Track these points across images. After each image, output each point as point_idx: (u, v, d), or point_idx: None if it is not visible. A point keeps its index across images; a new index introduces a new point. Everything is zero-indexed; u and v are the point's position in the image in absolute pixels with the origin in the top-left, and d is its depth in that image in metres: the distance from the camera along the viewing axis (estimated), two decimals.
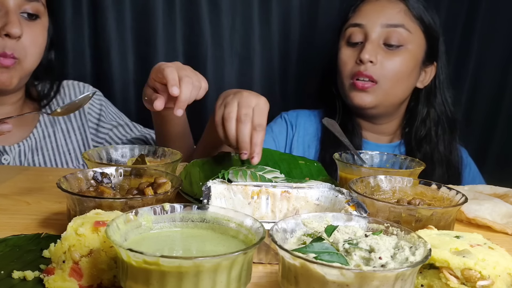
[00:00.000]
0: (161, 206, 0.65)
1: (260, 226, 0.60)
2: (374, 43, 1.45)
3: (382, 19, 1.46)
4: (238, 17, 1.75)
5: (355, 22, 1.49)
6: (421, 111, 1.56)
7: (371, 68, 1.44)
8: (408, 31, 1.46)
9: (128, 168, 0.90)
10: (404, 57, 1.47)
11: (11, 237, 0.76)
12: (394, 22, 1.46)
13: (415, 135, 1.56)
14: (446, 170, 1.54)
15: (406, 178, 0.95)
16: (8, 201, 0.96)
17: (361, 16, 1.50)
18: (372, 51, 1.44)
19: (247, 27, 1.77)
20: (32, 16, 1.29)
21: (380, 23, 1.46)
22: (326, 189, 0.85)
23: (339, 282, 0.53)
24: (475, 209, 0.98)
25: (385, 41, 1.46)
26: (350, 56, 1.49)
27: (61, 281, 0.62)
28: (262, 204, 0.86)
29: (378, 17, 1.47)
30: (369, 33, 1.46)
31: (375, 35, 1.46)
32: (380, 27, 1.46)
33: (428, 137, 1.55)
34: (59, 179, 0.80)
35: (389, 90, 1.48)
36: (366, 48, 1.44)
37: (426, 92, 1.56)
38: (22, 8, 1.27)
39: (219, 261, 0.53)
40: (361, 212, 0.75)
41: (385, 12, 1.47)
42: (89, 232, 0.63)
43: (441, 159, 1.54)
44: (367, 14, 1.49)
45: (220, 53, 1.76)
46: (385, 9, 1.48)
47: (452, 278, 0.61)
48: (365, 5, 1.52)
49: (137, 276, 0.54)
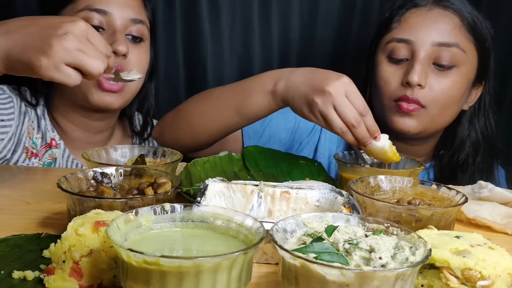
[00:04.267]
0: (161, 206, 0.65)
1: (260, 226, 0.60)
2: (424, 63, 1.26)
3: (434, 36, 1.27)
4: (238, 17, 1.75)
5: (402, 37, 1.29)
6: (461, 134, 1.38)
7: (418, 92, 1.25)
8: (462, 51, 1.28)
9: (128, 168, 0.90)
10: (456, 80, 1.28)
11: (11, 237, 0.76)
12: (448, 40, 1.27)
13: (450, 160, 1.39)
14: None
15: (406, 178, 0.95)
16: (8, 201, 0.96)
17: (409, 30, 1.29)
18: (421, 73, 1.25)
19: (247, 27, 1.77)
20: (137, 38, 1.33)
21: (431, 41, 1.26)
22: (327, 191, 0.85)
23: (339, 282, 0.53)
24: (475, 209, 0.98)
25: (435, 61, 1.27)
26: (393, 74, 1.30)
27: (61, 281, 0.62)
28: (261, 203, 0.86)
29: (429, 34, 1.27)
30: (418, 51, 1.26)
31: (425, 54, 1.26)
32: (431, 45, 1.26)
33: (465, 165, 1.37)
34: (59, 179, 0.80)
35: (437, 115, 1.30)
36: (415, 69, 1.24)
37: (469, 113, 1.38)
38: (128, 30, 1.31)
39: (219, 261, 0.53)
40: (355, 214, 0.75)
41: (437, 28, 1.27)
42: (89, 232, 0.63)
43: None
44: (416, 28, 1.28)
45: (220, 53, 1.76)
46: (437, 23, 1.28)
47: (452, 278, 0.61)
48: (413, 16, 1.31)
49: (137, 276, 0.54)
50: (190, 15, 1.73)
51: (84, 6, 1.27)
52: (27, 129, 1.32)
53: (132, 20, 1.31)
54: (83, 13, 1.27)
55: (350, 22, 1.75)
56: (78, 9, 1.27)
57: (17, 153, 1.28)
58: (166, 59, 1.73)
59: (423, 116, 1.28)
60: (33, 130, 1.33)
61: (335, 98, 1.00)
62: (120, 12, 1.29)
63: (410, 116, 1.28)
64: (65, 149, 1.38)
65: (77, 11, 1.27)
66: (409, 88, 1.26)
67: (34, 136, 1.33)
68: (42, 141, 1.35)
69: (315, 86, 1.02)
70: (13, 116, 1.28)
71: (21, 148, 1.29)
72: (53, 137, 1.36)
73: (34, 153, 1.33)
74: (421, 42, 1.27)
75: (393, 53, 1.30)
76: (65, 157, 1.38)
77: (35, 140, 1.33)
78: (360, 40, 1.72)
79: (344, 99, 1.01)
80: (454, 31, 1.28)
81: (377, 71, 1.34)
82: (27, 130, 1.32)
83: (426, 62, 1.27)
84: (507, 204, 1.03)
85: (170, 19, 1.73)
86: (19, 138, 1.29)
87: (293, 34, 1.80)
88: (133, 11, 1.32)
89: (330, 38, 1.76)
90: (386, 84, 1.31)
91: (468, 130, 1.38)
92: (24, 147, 1.30)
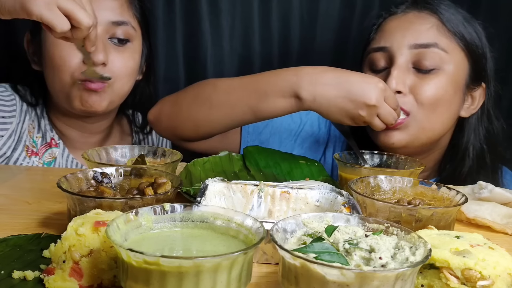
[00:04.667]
0: (161, 206, 0.65)
1: (260, 226, 0.60)
2: (402, 68, 1.19)
3: (409, 38, 1.20)
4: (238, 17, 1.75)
5: (378, 45, 1.24)
6: (463, 145, 1.29)
7: (400, 100, 1.16)
8: (443, 51, 1.20)
9: (128, 168, 0.90)
10: (440, 81, 1.20)
11: (11, 237, 0.76)
12: (425, 41, 1.20)
13: (452, 175, 1.30)
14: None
15: (406, 178, 0.95)
16: (8, 201, 0.96)
17: (384, 37, 1.24)
18: (399, 78, 1.18)
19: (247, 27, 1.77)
20: (122, 41, 1.30)
21: (407, 43, 1.20)
22: (327, 191, 0.85)
23: (339, 282, 0.53)
24: (475, 209, 0.98)
25: (415, 65, 1.20)
26: None
27: (61, 281, 0.62)
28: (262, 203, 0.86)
29: (404, 36, 1.21)
30: (394, 56, 1.20)
31: (403, 58, 1.20)
32: (408, 48, 1.20)
33: (469, 178, 1.27)
34: (59, 179, 0.79)
35: (425, 122, 1.21)
36: (392, 75, 1.18)
37: (472, 121, 1.30)
38: (110, 33, 1.28)
39: (219, 261, 0.53)
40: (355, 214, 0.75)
41: (412, 30, 1.21)
42: (89, 232, 0.63)
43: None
44: (391, 34, 1.23)
45: (220, 53, 1.76)
46: (412, 25, 1.22)
47: (452, 278, 0.61)
48: (388, 23, 1.27)
49: (138, 276, 0.54)
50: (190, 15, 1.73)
51: None
52: (27, 128, 1.32)
53: (114, 23, 1.27)
54: None
55: (350, 22, 1.75)
56: None
57: (17, 151, 1.29)
58: (166, 59, 1.73)
59: (410, 126, 1.20)
60: (33, 129, 1.34)
61: (379, 109, 1.07)
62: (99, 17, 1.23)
63: (396, 130, 1.19)
64: (65, 149, 1.38)
65: None
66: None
67: (35, 135, 1.34)
68: (42, 140, 1.35)
69: (356, 101, 1.06)
70: (14, 113, 1.28)
71: (21, 146, 1.29)
72: (52, 137, 1.37)
73: (34, 152, 1.33)
74: (396, 46, 1.21)
75: (373, 64, 1.26)
76: (65, 157, 1.38)
77: (35, 139, 1.33)
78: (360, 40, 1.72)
79: (386, 106, 1.08)
80: (432, 30, 1.22)
81: None
82: (27, 128, 1.32)
83: (404, 66, 1.20)
84: (507, 204, 1.03)
85: (170, 19, 1.73)
86: (20, 136, 1.29)
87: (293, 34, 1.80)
88: (113, 13, 1.28)
89: (330, 38, 1.76)
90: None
91: (471, 140, 1.29)
92: (25, 145, 1.30)
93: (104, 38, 1.27)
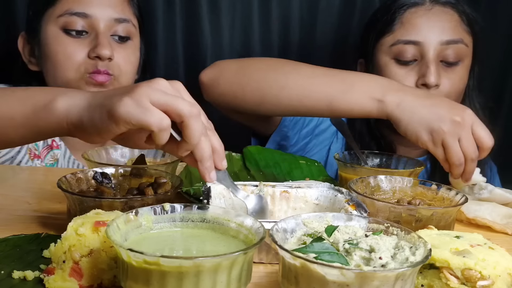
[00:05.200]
0: (161, 206, 0.65)
1: (260, 226, 0.60)
2: (436, 63, 1.29)
3: (440, 35, 1.29)
4: (238, 17, 1.75)
5: (409, 38, 1.30)
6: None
7: (434, 92, 1.28)
8: (466, 46, 1.32)
9: (128, 168, 0.90)
10: (462, 74, 1.33)
11: (11, 237, 0.76)
12: (453, 37, 1.30)
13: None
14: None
15: (406, 178, 0.95)
16: (8, 201, 0.96)
17: (414, 31, 1.31)
18: (436, 73, 1.27)
19: (247, 26, 1.77)
20: (123, 38, 1.31)
21: (439, 40, 1.29)
22: (325, 189, 0.85)
23: (339, 282, 0.53)
24: (475, 209, 0.98)
25: (442, 59, 1.30)
26: (405, 76, 1.30)
27: (61, 281, 0.62)
28: None
29: (435, 33, 1.30)
30: (427, 52, 1.28)
31: (434, 53, 1.29)
32: (439, 44, 1.29)
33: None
34: (59, 179, 0.80)
35: None
36: (430, 70, 1.27)
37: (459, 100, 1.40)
38: (112, 30, 1.29)
39: (219, 261, 0.53)
40: (361, 211, 0.75)
41: (442, 27, 1.31)
42: (89, 232, 0.63)
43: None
44: (421, 29, 1.30)
45: (220, 53, 1.76)
46: (441, 22, 1.31)
47: (452, 278, 0.61)
48: (415, 17, 1.32)
49: (138, 276, 0.54)
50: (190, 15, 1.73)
51: (64, 10, 1.26)
52: None
53: (116, 20, 1.29)
54: (64, 18, 1.26)
55: (350, 22, 1.75)
56: (58, 14, 1.27)
57: (21, 154, 1.28)
58: (166, 59, 1.73)
59: None
60: None
61: (463, 130, 0.99)
62: (102, 13, 1.27)
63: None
64: (66, 150, 1.38)
65: (57, 16, 1.27)
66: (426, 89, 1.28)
67: None
68: (43, 143, 1.35)
69: (441, 115, 1.01)
70: None
71: (25, 148, 1.29)
72: (53, 139, 1.36)
73: (36, 155, 1.33)
74: (429, 42, 1.29)
75: (401, 55, 1.31)
76: (67, 158, 1.38)
77: None
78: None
79: (470, 132, 0.99)
80: (457, 28, 1.32)
81: (385, 74, 1.32)
82: None
83: (436, 61, 1.29)
84: (507, 204, 1.03)
85: (170, 19, 1.73)
86: None
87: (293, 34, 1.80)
88: (115, 10, 1.29)
89: (330, 38, 1.76)
90: None
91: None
92: (28, 148, 1.30)
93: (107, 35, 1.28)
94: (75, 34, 1.26)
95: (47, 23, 1.29)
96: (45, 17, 1.29)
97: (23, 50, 1.36)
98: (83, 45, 1.27)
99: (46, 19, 1.29)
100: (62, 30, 1.27)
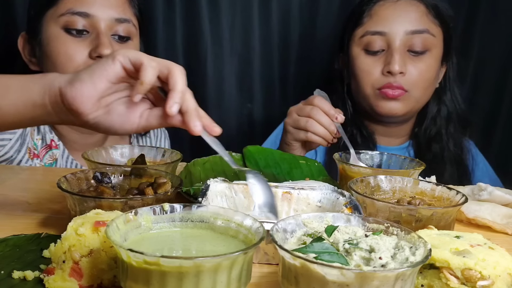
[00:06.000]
0: (161, 206, 0.65)
1: (260, 226, 0.60)
2: (401, 52, 1.37)
3: (406, 25, 1.38)
4: (238, 17, 1.75)
5: (376, 29, 1.40)
6: (432, 110, 1.50)
7: (401, 79, 1.37)
8: (432, 36, 1.40)
9: (128, 168, 0.90)
10: (430, 62, 1.40)
11: (11, 237, 0.76)
12: (418, 27, 1.38)
13: (425, 135, 1.51)
14: (457, 169, 1.49)
15: (406, 178, 0.95)
16: (8, 201, 0.96)
17: (381, 22, 1.40)
18: (400, 61, 1.36)
19: (247, 26, 1.77)
20: (124, 38, 1.32)
21: (404, 30, 1.37)
22: (329, 191, 0.85)
23: (339, 282, 0.53)
24: (475, 209, 0.98)
25: (409, 48, 1.38)
26: (373, 65, 1.40)
27: (61, 281, 0.62)
28: None
29: (401, 24, 1.38)
30: (393, 41, 1.37)
31: (400, 43, 1.37)
32: (404, 34, 1.37)
33: (438, 136, 1.50)
34: (59, 179, 0.80)
35: (420, 97, 1.43)
36: (394, 59, 1.36)
37: (436, 90, 1.50)
38: (113, 30, 1.30)
39: (219, 261, 0.53)
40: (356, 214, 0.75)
41: (408, 17, 1.39)
42: (89, 232, 0.63)
43: (451, 157, 1.49)
44: (387, 20, 1.39)
45: (220, 52, 1.76)
46: (407, 13, 1.39)
47: (452, 278, 0.61)
48: (382, 9, 1.41)
49: (137, 276, 0.54)
50: (190, 15, 1.73)
51: (65, 10, 1.27)
52: (30, 130, 1.32)
53: (117, 20, 1.30)
54: (66, 17, 1.26)
55: None
56: (60, 13, 1.27)
57: (21, 153, 1.29)
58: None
59: (408, 99, 1.40)
60: (34, 131, 1.33)
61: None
62: (103, 13, 1.28)
63: (396, 100, 1.39)
64: (64, 150, 1.38)
65: (59, 15, 1.27)
66: (391, 76, 1.37)
67: (35, 137, 1.34)
68: (42, 142, 1.35)
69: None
70: None
71: (24, 148, 1.29)
72: (52, 138, 1.36)
73: (35, 154, 1.33)
74: (395, 32, 1.38)
75: (369, 45, 1.40)
76: (65, 158, 1.38)
77: (36, 141, 1.33)
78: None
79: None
80: (423, 18, 1.39)
81: (356, 63, 1.43)
82: (30, 130, 1.32)
83: (402, 50, 1.38)
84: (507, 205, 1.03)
85: (170, 19, 1.73)
86: (24, 138, 1.29)
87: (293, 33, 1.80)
88: (117, 10, 1.30)
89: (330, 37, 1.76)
90: (368, 75, 1.41)
91: (437, 106, 1.50)
92: (27, 148, 1.30)
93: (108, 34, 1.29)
94: (76, 34, 1.27)
95: (48, 22, 1.29)
96: (46, 17, 1.29)
97: (23, 50, 1.36)
98: (84, 45, 1.27)
99: (47, 19, 1.29)
100: (63, 29, 1.27)
